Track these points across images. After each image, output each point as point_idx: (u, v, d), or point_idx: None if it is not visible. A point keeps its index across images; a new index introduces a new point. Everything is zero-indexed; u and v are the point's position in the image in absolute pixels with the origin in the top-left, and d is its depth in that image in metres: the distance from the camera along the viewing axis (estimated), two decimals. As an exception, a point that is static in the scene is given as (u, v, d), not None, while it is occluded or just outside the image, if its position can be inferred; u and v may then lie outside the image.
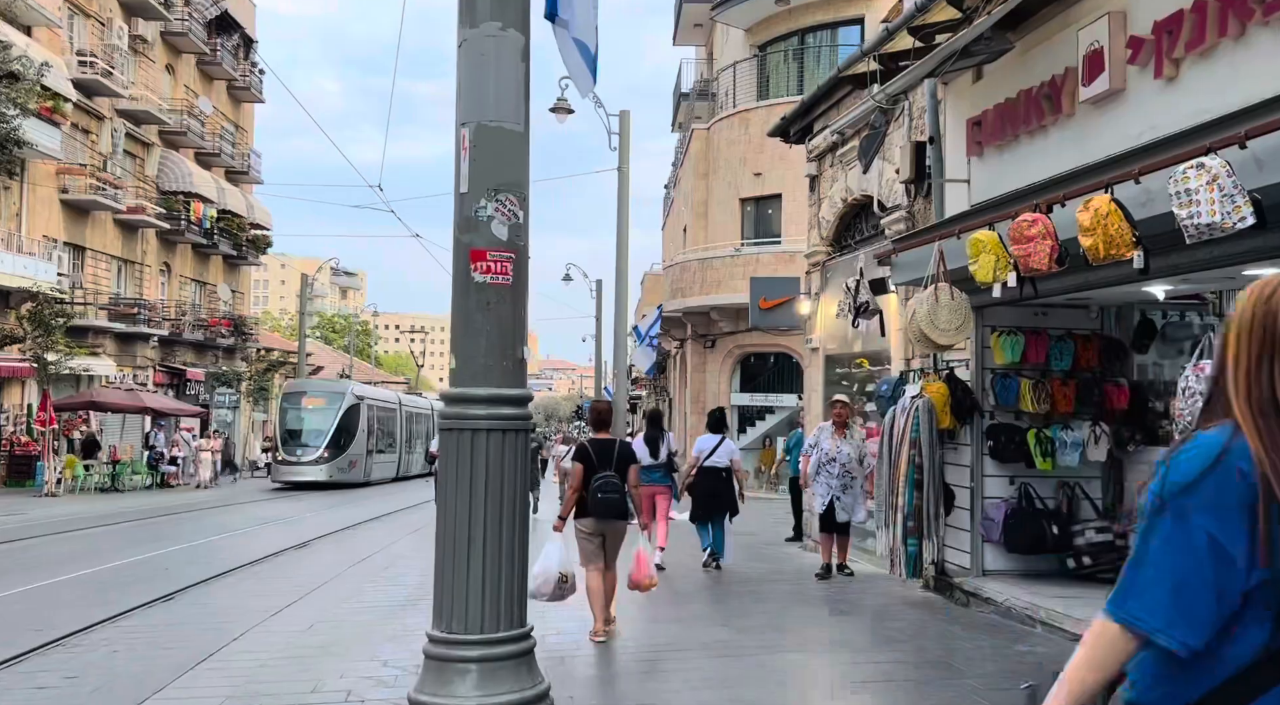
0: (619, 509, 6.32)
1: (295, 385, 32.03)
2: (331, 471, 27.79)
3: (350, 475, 28.62)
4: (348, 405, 29.10)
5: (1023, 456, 7.54)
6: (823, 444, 8.82)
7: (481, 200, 4.74)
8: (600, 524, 6.38)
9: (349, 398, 29.45)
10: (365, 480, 29.65)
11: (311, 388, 31.04)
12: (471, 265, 4.75)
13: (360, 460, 29.42)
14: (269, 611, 7.79)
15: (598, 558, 6.40)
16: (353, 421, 29.03)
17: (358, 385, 33.08)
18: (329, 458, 27.92)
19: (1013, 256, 5.68)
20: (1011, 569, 7.68)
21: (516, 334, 4.83)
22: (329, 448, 28.02)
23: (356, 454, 29.12)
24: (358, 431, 29.19)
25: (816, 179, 11.83)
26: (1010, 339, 7.54)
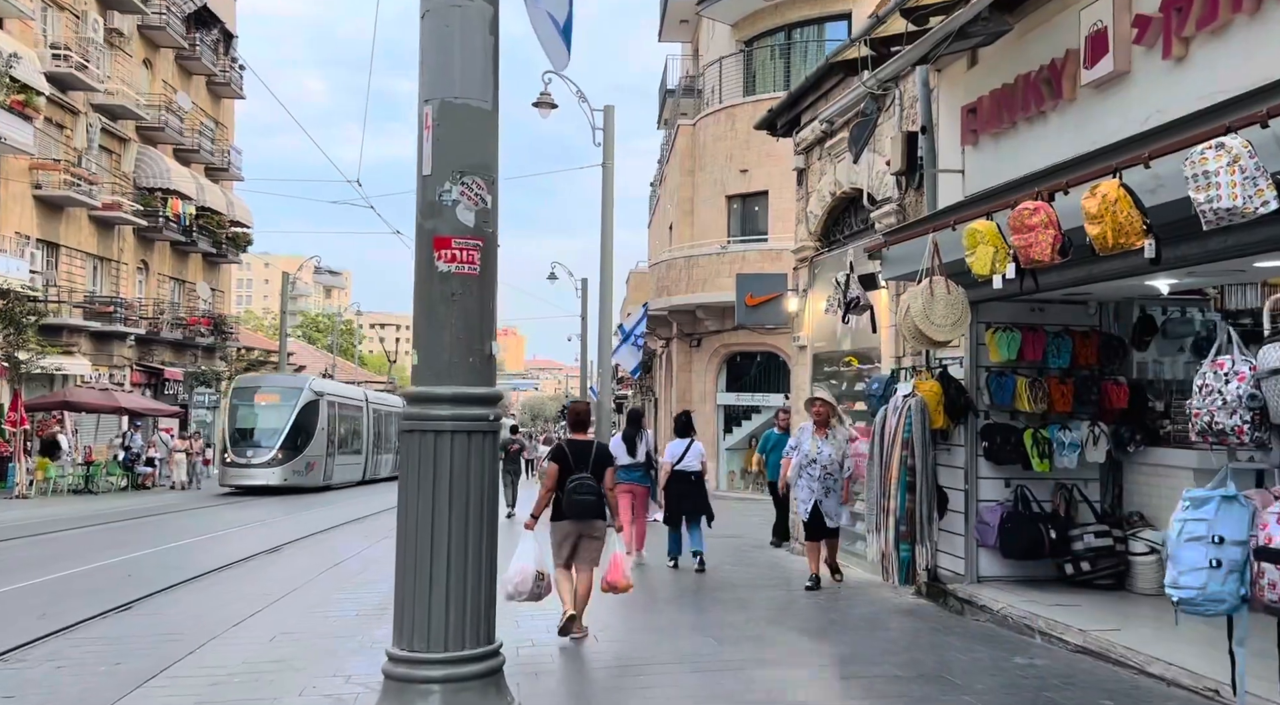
0: (594, 510, 6.29)
1: (247, 380, 29.21)
2: (286, 474, 25.27)
3: (308, 478, 26.20)
4: (305, 402, 26.51)
5: (1019, 458, 7.24)
6: (803, 445, 8.31)
7: (446, 183, 4.40)
8: (575, 525, 6.36)
9: (306, 393, 26.76)
10: (326, 484, 27.24)
11: (265, 383, 28.31)
12: (435, 253, 4.41)
13: (320, 462, 26.90)
14: (231, 621, 7.40)
15: (568, 557, 6.41)
16: (311, 420, 26.55)
17: (317, 380, 30.10)
18: (283, 459, 25.29)
19: (1012, 247, 5.37)
20: (1007, 575, 7.39)
21: (484, 328, 4.50)
22: (283, 448, 25.41)
23: (315, 455, 26.59)
24: (316, 430, 26.65)
25: (804, 172, 11.52)
26: (1006, 336, 7.25)
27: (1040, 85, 6.46)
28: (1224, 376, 4.05)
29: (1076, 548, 7.05)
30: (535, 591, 6.12)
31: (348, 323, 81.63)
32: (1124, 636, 5.69)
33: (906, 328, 6.50)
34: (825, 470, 8.17)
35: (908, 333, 6.52)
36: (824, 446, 8.17)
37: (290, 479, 25.36)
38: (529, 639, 6.55)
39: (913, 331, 6.47)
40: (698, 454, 9.93)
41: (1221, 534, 3.86)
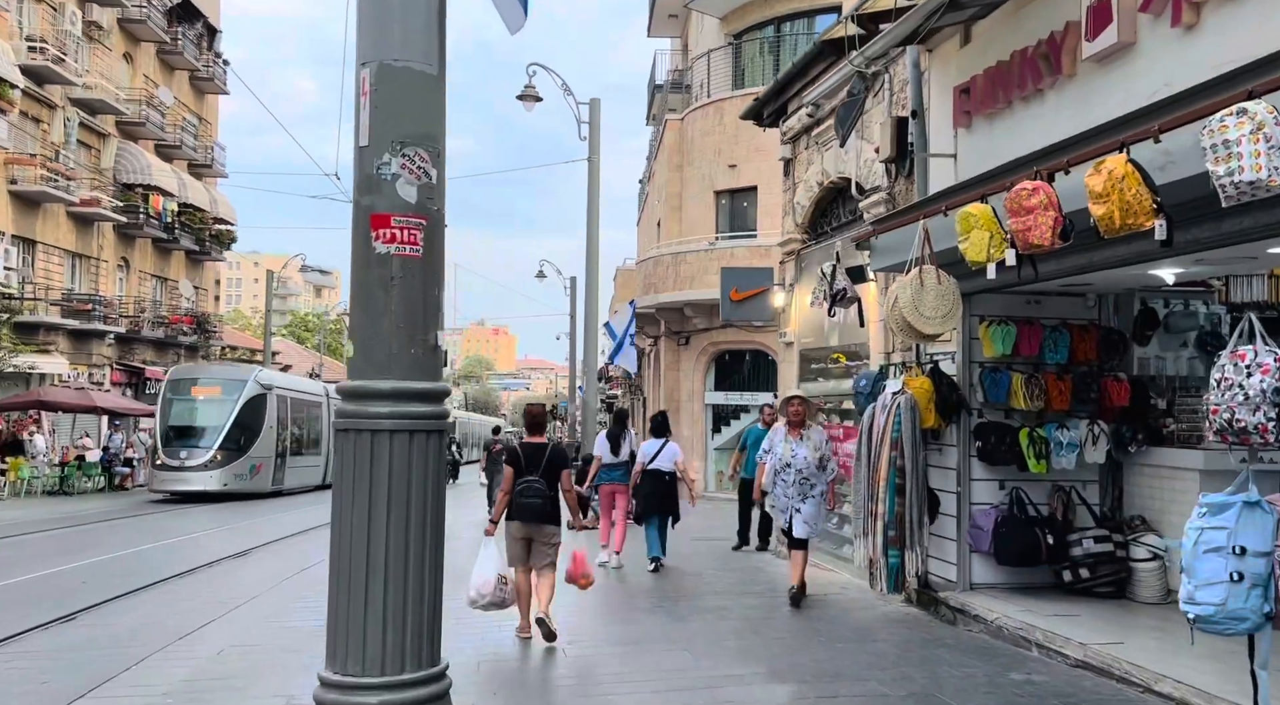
0: (540, 513, 6.35)
1: (183, 371, 25.86)
2: (226, 478, 22.24)
3: (253, 483, 23.17)
4: (250, 395, 23.37)
5: (1014, 458, 6.85)
6: (776, 448, 7.55)
7: (384, 155, 3.96)
8: (524, 528, 6.42)
9: (252, 386, 23.65)
10: (276, 489, 24.14)
11: (204, 374, 25.06)
12: (372, 233, 3.97)
13: (267, 464, 23.80)
14: (179, 633, 6.96)
15: (524, 559, 6.48)
16: (257, 416, 23.50)
17: (266, 372, 27.06)
18: (222, 461, 22.24)
19: (1009, 232, 4.97)
20: (1002, 582, 7.00)
21: (428, 316, 4.06)
22: (223, 449, 22.36)
23: (262, 456, 23.54)
24: (264, 428, 23.51)
25: (791, 162, 11.12)
26: (1001, 329, 6.86)
27: (1038, 61, 6.06)
28: (1246, 369, 3.66)
29: (1075, 553, 6.66)
30: (499, 597, 6.18)
31: (336, 321, 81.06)
32: (1128, 650, 5.29)
33: (894, 320, 6.10)
34: (801, 475, 7.39)
35: (896, 326, 6.12)
36: (798, 449, 7.45)
37: (231, 484, 22.37)
38: (492, 652, 6.14)
39: (901, 324, 6.07)
40: (671, 455, 9.90)
41: (1243, 544, 3.47)
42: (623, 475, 10.18)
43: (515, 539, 6.46)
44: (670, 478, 9.87)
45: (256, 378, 24.57)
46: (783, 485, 7.53)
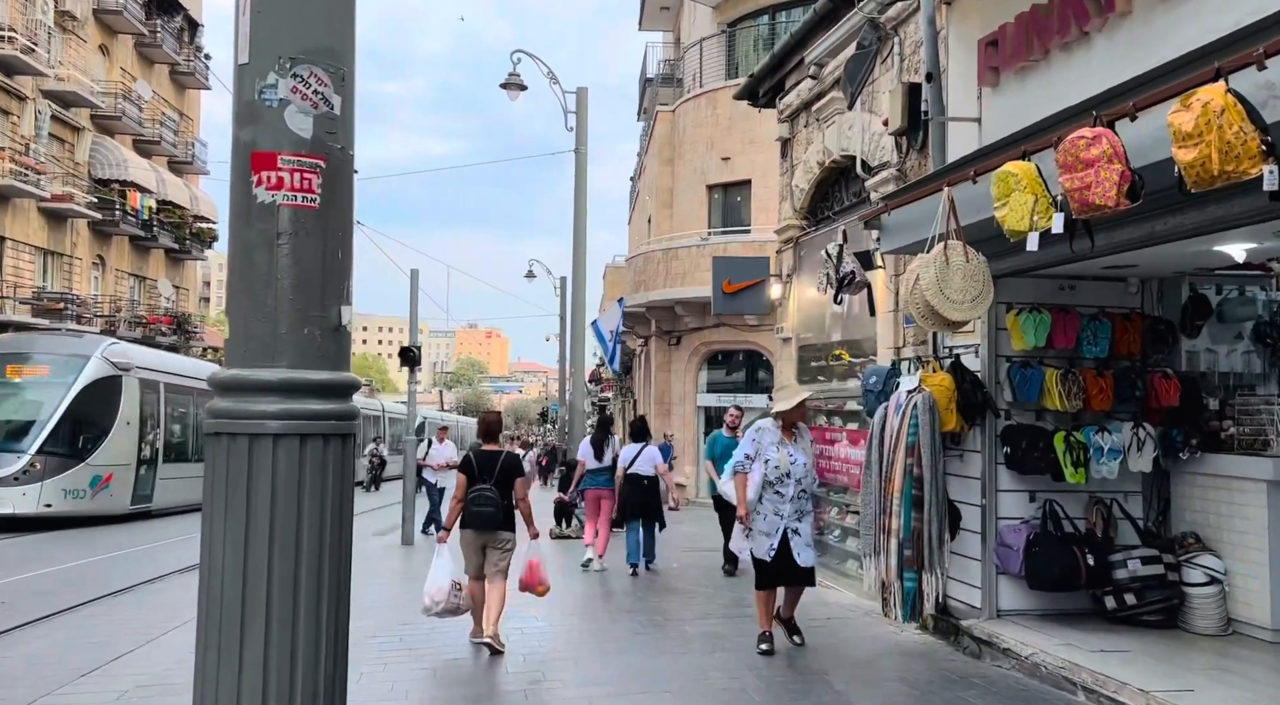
0: (491, 521, 6.34)
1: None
2: (51, 496, 15.83)
3: (97, 502, 16.63)
4: (92, 378, 16.82)
5: (1048, 466, 5.96)
6: (767, 453, 6.03)
7: (270, 75, 3.04)
8: (477, 536, 6.42)
9: (96, 366, 16.99)
10: (140, 509, 17.75)
11: (25, 348, 17.58)
12: (253, 176, 3.07)
13: (122, 475, 17.24)
14: (82, 670, 6.03)
15: (477, 568, 6.49)
16: (105, 407, 17.02)
17: (124, 347, 18.97)
18: (43, 471, 15.83)
19: (1060, 192, 4.07)
20: (1032, 608, 6.10)
21: (329, 285, 3.15)
22: (46, 453, 15.98)
23: (112, 464, 16.93)
24: (115, 424, 17.08)
25: (789, 143, 10.23)
26: (1033, 318, 5.97)
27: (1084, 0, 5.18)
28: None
29: (1119, 576, 5.77)
30: (453, 604, 6.29)
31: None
32: (1200, 701, 4.40)
33: (915, 304, 5.21)
34: (800, 486, 6.06)
35: (916, 311, 5.22)
36: (797, 454, 6.09)
37: (59, 503, 15.97)
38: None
39: (923, 309, 5.17)
40: (650, 459, 9.84)
41: None
42: (607, 480, 10.25)
43: (470, 547, 6.48)
44: (650, 482, 9.82)
45: (105, 353, 17.39)
46: (775, 501, 6.03)
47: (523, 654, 6.32)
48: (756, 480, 6.05)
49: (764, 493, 6.03)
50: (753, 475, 6.07)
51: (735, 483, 6.10)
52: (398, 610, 7.94)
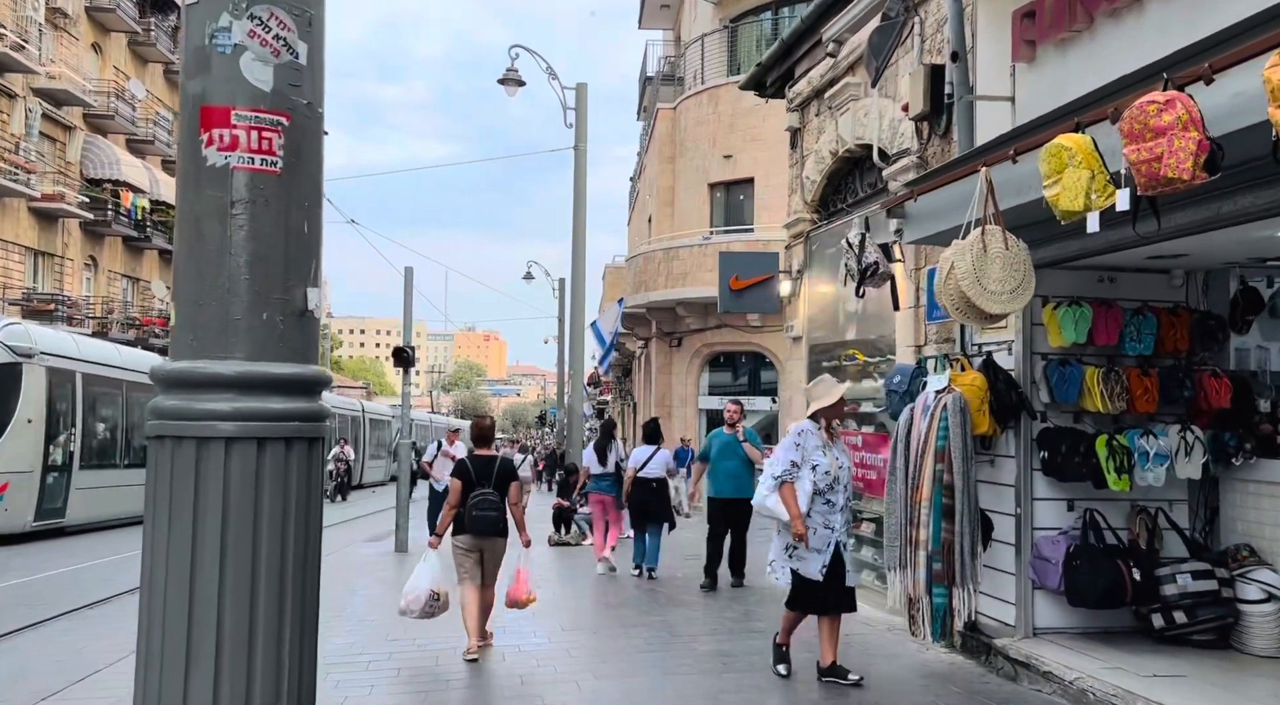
0: (494, 526, 6.25)
1: None
2: None
3: None
4: None
5: (1089, 472, 5.51)
6: (814, 457, 5.36)
7: (223, 16, 2.58)
8: (477, 541, 6.30)
9: None
10: (54, 524, 14.89)
11: None
12: (203, 135, 2.62)
13: (27, 484, 14.25)
14: (44, 692, 5.56)
15: (475, 575, 6.35)
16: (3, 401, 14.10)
17: (20, 327, 15.28)
18: None
19: (1124, 166, 3.63)
20: (1071, 626, 5.65)
21: (294, 264, 2.70)
22: None
23: (10, 469, 13.94)
24: (13, 423, 14.07)
25: (799, 132, 9.79)
26: (1073, 312, 5.52)
27: (1134, -38, 4.74)
28: None
29: (1167, 593, 5.32)
30: (428, 611, 6.23)
31: (321, 327, 79.56)
32: (1275, 735, 3.95)
33: (949, 296, 4.76)
34: (847, 494, 5.47)
35: (950, 303, 4.78)
36: (842, 457, 5.52)
37: None
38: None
39: (958, 301, 4.73)
40: (661, 462, 9.81)
41: None
42: (610, 485, 10.34)
43: (466, 553, 6.30)
44: (660, 485, 9.78)
45: (3, 338, 14.25)
46: (825, 512, 5.36)
47: (520, 674, 5.87)
48: (806, 490, 5.33)
49: (813, 503, 5.36)
50: (801, 484, 5.35)
51: (782, 494, 5.32)
52: (387, 626, 7.48)
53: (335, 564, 11.99)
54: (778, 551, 5.51)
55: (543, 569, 10.77)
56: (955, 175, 5.26)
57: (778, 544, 5.51)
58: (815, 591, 5.42)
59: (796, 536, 5.31)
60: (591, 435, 31.74)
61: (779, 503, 5.34)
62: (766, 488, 5.40)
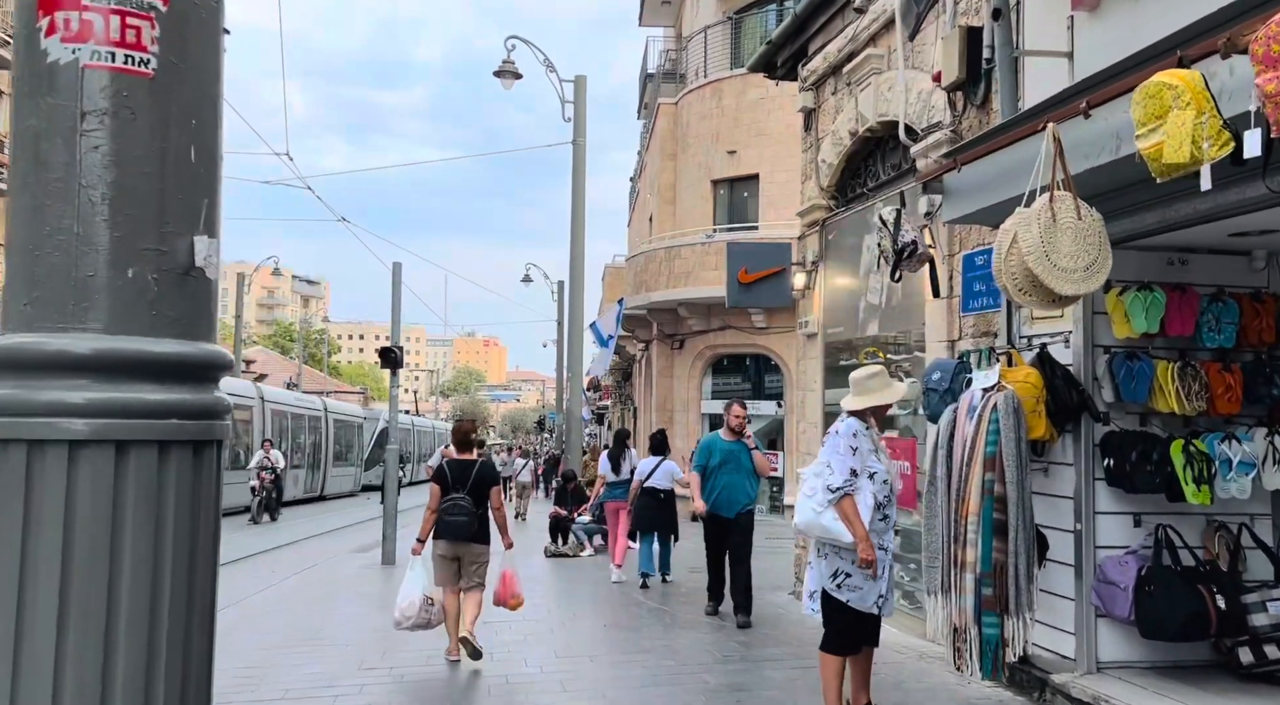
0: (465, 531, 6.25)
1: None
2: None
3: None
4: None
5: (1163, 483, 4.78)
6: (871, 463, 4.59)
7: None
8: (450, 546, 6.32)
9: None
10: None
11: None
12: (41, 19, 1.92)
13: None
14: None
15: (453, 579, 6.38)
16: None
17: None
18: None
19: (1252, 102, 2.91)
20: (1141, 661, 4.92)
21: (176, 201, 1.94)
22: None
23: None
24: None
25: (814, 113, 9.08)
26: (1143, 298, 4.80)
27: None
28: None
29: (1257, 623, 4.59)
30: (425, 618, 6.21)
31: (318, 331, 78.90)
32: None
33: (1010, 275, 4.04)
34: (895, 507, 4.74)
35: (1012, 283, 4.06)
36: (892, 464, 4.81)
37: None
38: None
39: (1021, 280, 4.00)
40: (667, 473, 9.72)
41: None
42: (625, 493, 10.40)
43: (444, 558, 6.35)
44: (666, 495, 9.74)
45: None
46: (880, 531, 4.55)
47: (507, 714, 5.14)
48: (868, 504, 4.46)
49: (878, 515, 4.54)
50: (862, 497, 4.46)
51: (842, 510, 4.42)
52: (363, 651, 6.75)
53: (315, 578, 11.25)
54: (822, 580, 4.62)
55: (538, 584, 10.05)
56: (1009, 138, 4.55)
57: (823, 570, 4.62)
58: (864, 626, 4.63)
59: (865, 563, 4.43)
60: (591, 440, 30.80)
61: (837, 521, 4.41)
62: (817, 502, 4.47)
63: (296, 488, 27.32)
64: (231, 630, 7.79)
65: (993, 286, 6.00)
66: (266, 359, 59.87)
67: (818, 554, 4.67)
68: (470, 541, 6.26)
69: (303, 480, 28.35)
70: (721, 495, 7.71)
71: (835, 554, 4.55)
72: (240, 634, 7.64)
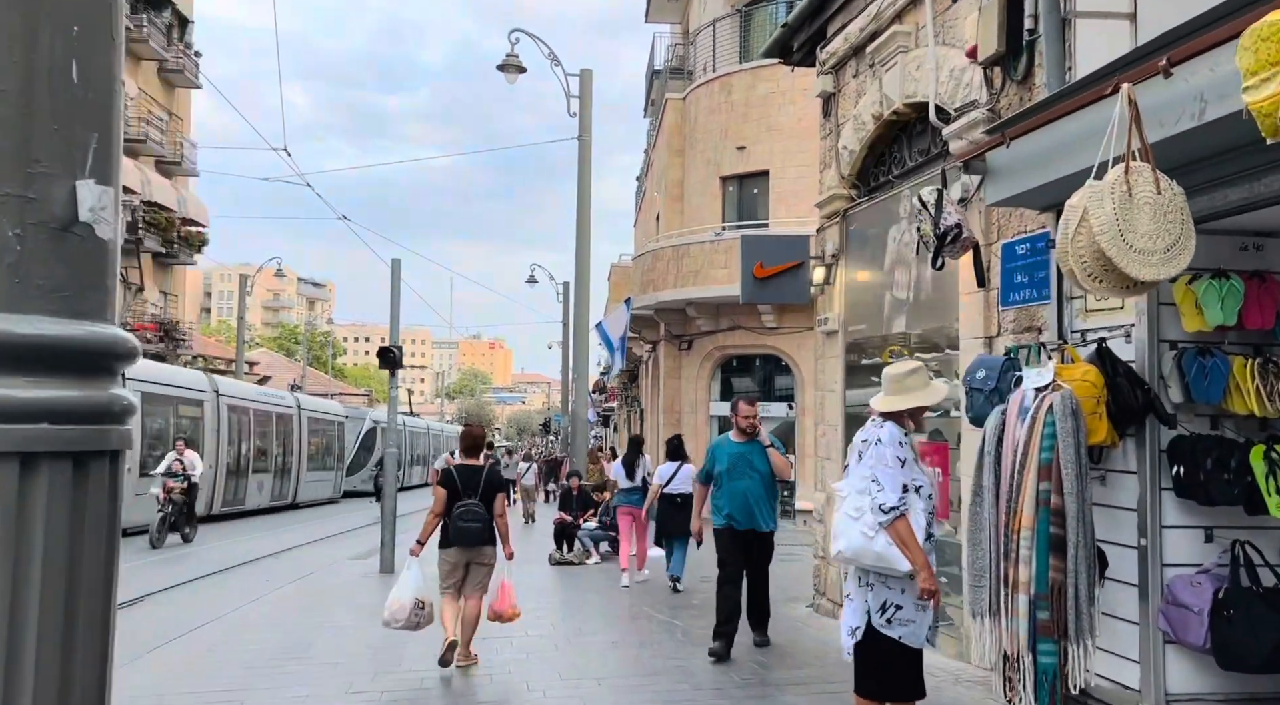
0: (479, 537, 6.21)
1: None
2: None
3: None
4: None
5: (1242, 494, 4.27)
6: (916, 475, 4.06)
7: None
8: (462, 553, 6.27)
9: None
10: None
11: None
12: None
13: None
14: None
15: (457, 586, 6.30)
16: None
17: None
18: None
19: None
20: (1214, 693, 4.40)
21: (50, 134, 1.49)
22: None
23: None
24: None
25: (833, 98, 8.58)
26: (1217, 287, 4.29)
27: None
28: None
29: (1350, 652, 4.06)
30: (414, 621, 6.14)
31: (323, 333, 78.59)
32: None
33: (1078, 257, 3.53)
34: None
35: (1079, 266, 3.55)
36: (930, 474, 4.32)
37: None
38: None
39: (1092, 264, 3.50)
40: (687, 477, 9.61)
41: None
42: (639, 499, 10.61)
43: (452, 565, 6.28)
44: (684, 500, 9.52)
45: None
46: (930, 548, 4.01)
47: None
48: (921, 524, 3.87)
49: (928, 535, 3.94)
50: (915, 518, 3.86)
51: (897, 534, 3.82)
52: (352, 671, 6.26)
53: (309, 588, 10.78)
54: (868, 613, 4.03)
55: (542, 595, 9.58)
56: (1070, 106, 4.04)
57: (869, 603, 4.03)
58: (916, 666, 4.07)
59: (928, 595, 3.87)
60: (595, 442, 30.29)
61: (891, 546, 3.80)
62: (868, 525, 3.88)
63: (261, 495, 25.22)
64: (217, 646, 7.31)
65: (1037, 277, 5.51)
66: (270, 361, 59.47)
67: (859, 584, 4.10)
68: (482, 545, 6.26)
69: (269, 487, 25.88)
70: (739, 507, 6.64)
71: (883, 584, 4.01)
72: (226, 650, 7.17)
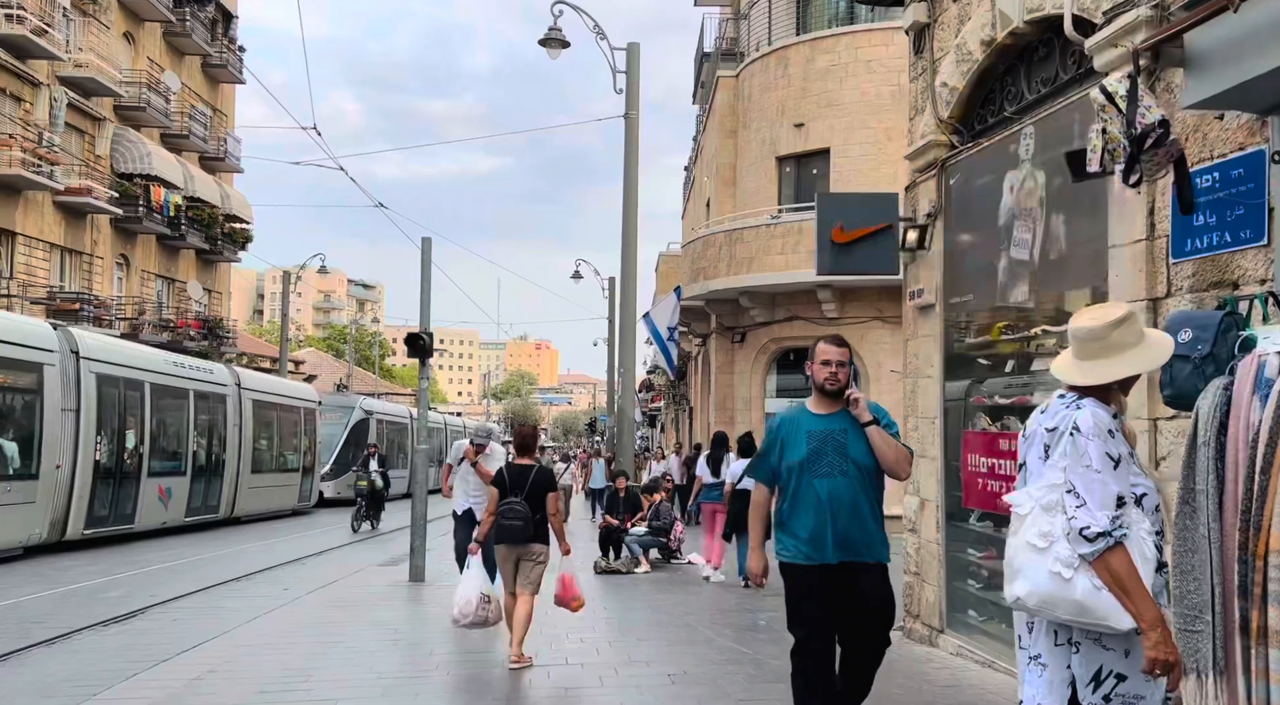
0: (520, 535, 6.34)
1: None
2: None
3: None
4: None
5: None
6: (1135, 478, 2.79)
7: None
8: (509, 549, 6.44)
9: None
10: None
11: None
12: None
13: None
14: None
15: (510, 582, 6.47)
16: None
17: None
18: None
19: None
20: None
21: None
22: None
23: None
24: None
25: (927, 30, 7.26)
26: None
27: None
28: None
29: None
30: (482, 616, 6.43)
31: (371, 333, 78.64)
32: None
33: None
34: None
35: None
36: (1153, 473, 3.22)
37: None
38: None
39: None
40: None
41: None
42: (721, 495, 10.73)
43: (502, 562, 6.52)
44: None
45: None
46: (1161, 584, 2.82)
47: None
48: (1148, 557, 2.66)
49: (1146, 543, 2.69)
50: (1136, 546, 2.65)
51: (1109, 571, 2.62)
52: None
53: (331, 599, 9.67)
54: (1071, 685, 2.78)
55: (586, 611, 8.40)
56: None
57: (1076, 672, 2.78)
58: None
59: (1161, 667, 2.60)
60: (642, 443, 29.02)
61: (1101, 590, 2.57)
62: (1061, 559, 2.64)
63: (168, 509, 17.87)
64: (204, 675, 6.23)
65: (1230, 217, 4.16)
66: (317, 360, 59.42)
67: (1055, 642, 2.82)
68: (528, 542, 6.36)
69: (182, 496, 18.48)
70: (823, 526, 4.00)
71: (1095, 644, 2.72)
72: (215, 679, 6.09)
